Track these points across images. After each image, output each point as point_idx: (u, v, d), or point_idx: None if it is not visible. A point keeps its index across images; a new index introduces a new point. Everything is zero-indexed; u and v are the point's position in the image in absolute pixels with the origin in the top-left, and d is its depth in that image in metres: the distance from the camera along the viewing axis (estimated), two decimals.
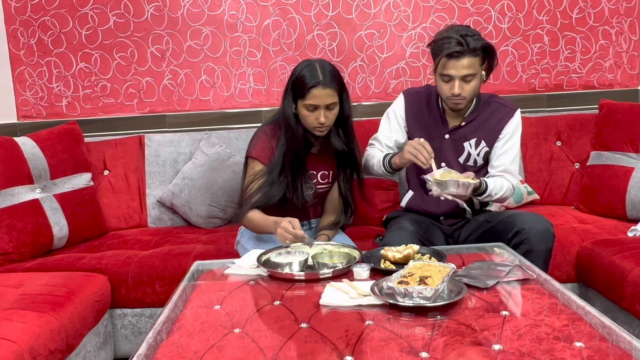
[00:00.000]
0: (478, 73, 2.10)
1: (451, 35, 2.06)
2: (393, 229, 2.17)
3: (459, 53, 2.04)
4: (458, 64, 2.06)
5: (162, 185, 2.96)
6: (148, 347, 1.33)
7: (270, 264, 1.85)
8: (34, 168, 2.60)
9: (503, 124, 2.22)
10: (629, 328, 2.02)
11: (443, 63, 2.09)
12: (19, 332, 1.71)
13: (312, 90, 2.05)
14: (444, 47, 2.06)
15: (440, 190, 1.98)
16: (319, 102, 2.06)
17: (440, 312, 1.45)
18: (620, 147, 2.70)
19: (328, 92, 2.06)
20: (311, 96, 2.06)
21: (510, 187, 2.22)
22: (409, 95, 2.34)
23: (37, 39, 3.11)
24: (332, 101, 2.08)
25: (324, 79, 2.06)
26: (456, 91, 2.09)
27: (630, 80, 3.20)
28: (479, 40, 2.07)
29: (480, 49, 2.06)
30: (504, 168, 2.22)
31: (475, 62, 2.07)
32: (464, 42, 2.03)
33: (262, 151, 2.19)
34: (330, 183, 2.30)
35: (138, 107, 3.18)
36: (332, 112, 2.11)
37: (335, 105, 2.10)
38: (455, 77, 2.08)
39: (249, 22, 3.11)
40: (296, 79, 2.11)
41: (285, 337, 1.36)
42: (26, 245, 2.49)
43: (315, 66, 2.09)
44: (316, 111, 2.08)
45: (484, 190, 2.13)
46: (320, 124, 2.09)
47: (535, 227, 2.03)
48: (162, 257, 2.40)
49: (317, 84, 2.05)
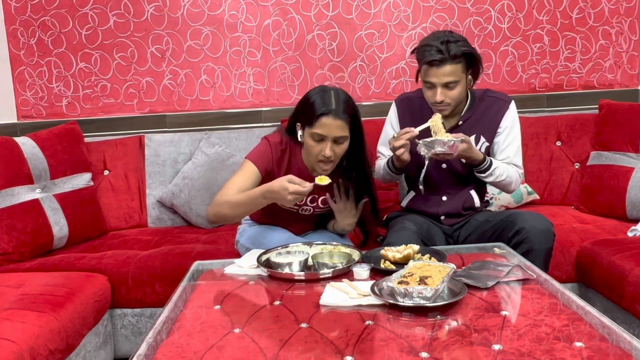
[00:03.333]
0: (461, 79, 2.09)
1: (431, 43, 2.05)
2: (396, 228, 2.17)
3: (439, 61, 2.04)
4: (439, 72, 2.06)
5: (162, 185, 2.96)
6: (148, 347, 1.33)
7: (270, 264, 1.85)
8: (34, 168, 2.60)
9: (500, 117, 2.23)
10: (629, 328, 2.02)
11: (425, 70, 2.10)
12: (19, 332, 1.71)
13: (322, 119, 1.89)
14: (425, 55, 2.06)
15: (427, 150, 2.02)
16: (326, 133, 1.90)
17: (440, 312, 1.44)
18: (620, 147, 2.70)
19: (338, 124, 1.89)
20: (319, 125, 1.89)
21: (517, 174, 2.22)
22: (400, 102, 2.34)
23: (37, 39, 3.11)
24: (342, 134, 1.91)
25: (336, 107, 1.89)
26: (438, 98, 2.09)
27: (630, 80, 3.20)
28: (462, 46, 2.05)
29: (461, 55, 2.05)
30: (509, 160, 2.23)
31: (457, 68, 2.06)
32: (444, 49, 2.02)
33: (261, 158, 2.03)
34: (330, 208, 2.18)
35: (138, 107, 3.18)
36: (340, 146, 1.94)
37: (344, 140, 1.94)
38: (437, 85, 2.08)
39: (249, 22, 3.11)
40: (306, 103, 1.95)
41: (285, 337, 1.36)
42: (26, 245, 2.49)
43: (329, 93, 1.93)
44: (322, 142, 1.92)
45: (487, 167, 2.14)
46: (325, 157, 1.92)
47: (535, 226, 2.04)
48: (162, 257, 2.40)
49: (327, 113, 1.89)
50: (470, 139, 2.11)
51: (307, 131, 1.95)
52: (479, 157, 2.13)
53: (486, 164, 2.14)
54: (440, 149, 2.00)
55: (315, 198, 2.13)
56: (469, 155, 2.10)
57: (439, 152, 2.01)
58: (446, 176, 2.27)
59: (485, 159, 2.14)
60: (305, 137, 1.97)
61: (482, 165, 2.14)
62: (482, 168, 2.15)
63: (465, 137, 2.07)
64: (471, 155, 2.11)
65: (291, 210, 2.14)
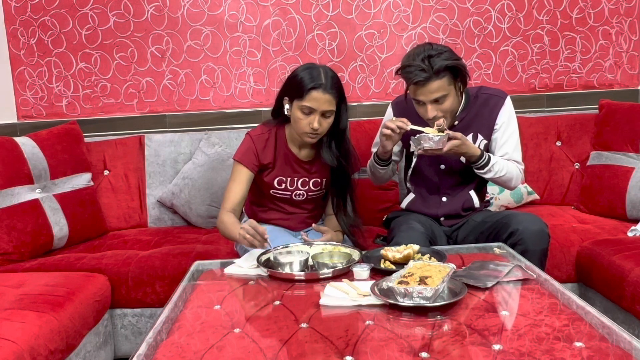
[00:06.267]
0: (450, 92, 2.06)
1: (412, 63, 2.02)
2: (403, 229, 2.14)
3: (424, 80, 2.01)
4: (425, 90, 2.04)
5: (162, 185, 2.96)
6: (148, 347, 1.33)
7: (270, 264, 1.85)
8: (34, 168, 2.60)
9: (496, 114, 2.22)
10: (629, 328, 2.02)
11: (412, 90, 2.08)
12: (19, 332, 1.71)
13: (312, 92, 1.99)
14: (409, 77, 2.04)
15: (415, 146, 2.05)
16: (316, 106, 2.00)
17: (440, 312, 1.44)
18: (620, 147, 2.70)
19: (327, 98, 2.00)
20: (309, 98, 1.99)
21: (517, 170, 2.21)
22: (397, 104, 2.34)
23: (37, 39, 3.11)
24: (330, 108, 2.02)
25: (326, 82, 2.00)
26: (430, 115, 2.08)
27: (630, 80, 3.20)
28: (445, 59, 2.01)
29: (445, 69, 2.02)
30: (509, 156, 2.21)
31: (442, 83, 2.03)
32: (426, 67, 2.00)
33: (246, 154, 2.14)
34: (323, 189, 2.26)
35: (138, 107, 3.18)
36: (327, 120, 2.04)
37: (331, 114, 2.04)
38: (427, 102, 2.07)
39: (249, 22, 3.11)
40: (295, 79, 2.04)
41: (285, 337, 1.36)
42: (26, 245, 2.49)
43: (318, 69, 2.03)
44: (311, 115, 2.02)
45: (485, 163, 2.13)
46: (312, 129, 2.02)
47: (529, 227, 2.03)
48: (162, 257, 2.40)
49: (318, 87, 1.99)
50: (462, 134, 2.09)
51: (296, 104, 2.04)
52: (476, 153, 2.12)
53: (484, 159, 2.13)
54: (427, 144, 2.01)
55: (306, 181, 2.19)
56: (465, 151, 2.09)
57: (426, 147, 2.02)
58: (445, 177, 2.27)
59: (483, 155, 2.13)
60: (294, 110, 2.05)
61: (480, 161, 2.13)
62: (480, 164, 2.14)
63: (456, 133, 2.06)
64: (467, 152, 2.09)
65: (284, 197, 2.20)
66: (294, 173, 2.19)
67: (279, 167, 2.18)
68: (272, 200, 2.24)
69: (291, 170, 2.19)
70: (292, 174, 2.19)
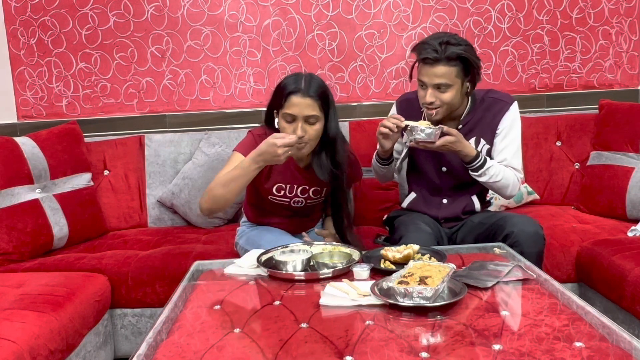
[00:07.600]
0: (455, 84, 2.05)
1: (429, 42, 2.03)
2: (411, 229, 2.12)
3: (433, 60, 2.01)
4: (431, 71, 2.03)
5: (162, 185, 2.96)
6: (148, 347, 1.33)
7: (271, 264, 1.84)
8: (34, 168, 2.60)
9: (499, 119, 2.19)
10: (629, 328, 2.02)
11: (419, 68, 2.08)
12: (19, 332, 1.71)
13: (291, 97, 1.93)
14: (421, 52, 2.04)
15: (407, 137, 2.07)
16: (297, 112, 1.92)
17: (440, 312, 1.44)
18: (620, 147, 2.70)
19: (308, 102, 1.93)
20: (289, 105, 1.93)
21: (515, 177, 2.17)
22: (401, 103, 2.32)
23: (37, 39, 3.11)
24: (312, 113, 1.94)
25: (305, 87, 1.93)
26: (427, 99, 2.06)
27: (630, 80, 3.20)
28: (462, 50, 2.00)
29: (457, 58, 2.01)
30: (507, 163, 2.18)
31: (450, 71, 2.02)
32: (440, 49, 1.99)
33: (247, 148, 2.04)
34: (323, 197, 2.22)
35: (138, 107, 3.18)
36: (313, 127, 1.96)
37: (316, 120, 1.96)
38: (428, 85, 2.05)
39: (249, 22, 3.11)
40: (278, 87, 1.99)
41: (285, 337, 1.36)
42: (26, 245, 2.49)
43: (300, 76, 1.98)
44: (294, 123, 1.94)
45: (480, 165, 2.10)
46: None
47: (524, 230, 2.02)
48: (162, 257, 2.40)
49: (296, 91, 1.92)
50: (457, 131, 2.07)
51: (280, 114, 1.98)
52: (472, 153, 2.09)
53: (479, 161, 2.10)
54: (419, 136, 2.02)
55: (306, 189, 2.15)
56: (459, 149, 2.06)
57: (418, 139, 2.02)
58: (446, 179, 2.26)
59: (478, 156, 2.10)
60: (279, 120, 2.00)
61: (475, 162, 2.10)
62: (475, 165, 2.11)
63: (452, 130, 2.04)
64: (461, 150, 2.07)
65: (283, 204, 2.17)
66: (293, 180, 2.13)
67: (278, 173, 2.12)
68: (270, 204, 2.21)
69: (291, 177, 2.13)
70: (292, 181, 2.13)
